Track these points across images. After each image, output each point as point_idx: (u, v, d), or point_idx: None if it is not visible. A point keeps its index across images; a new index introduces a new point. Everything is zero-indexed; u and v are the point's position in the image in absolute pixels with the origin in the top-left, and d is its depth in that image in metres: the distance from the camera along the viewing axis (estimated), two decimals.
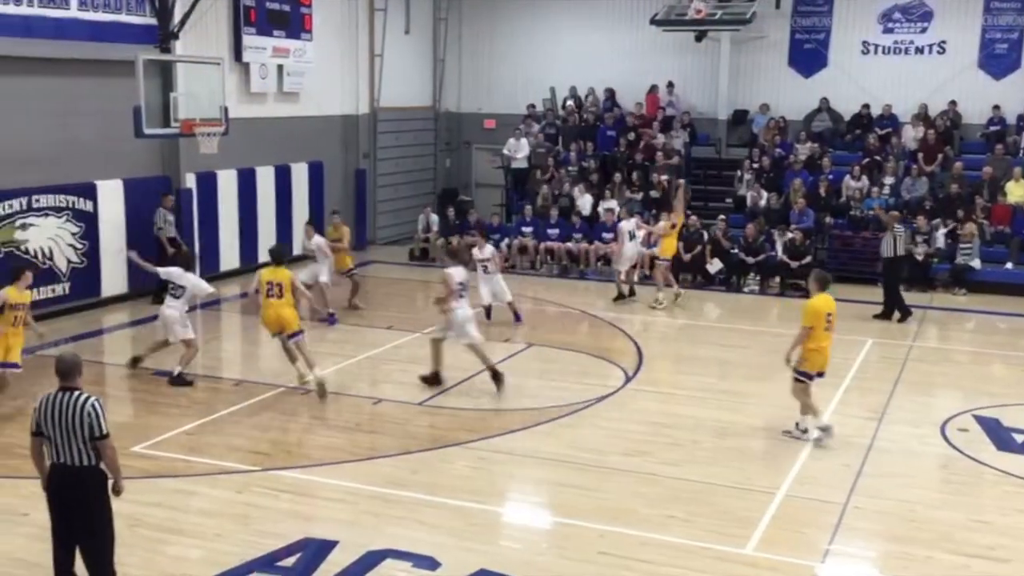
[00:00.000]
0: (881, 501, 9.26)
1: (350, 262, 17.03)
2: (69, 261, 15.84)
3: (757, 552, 8.17)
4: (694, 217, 19.88)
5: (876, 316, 16.44)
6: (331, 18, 21.62)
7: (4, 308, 11.05)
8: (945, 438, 10.98)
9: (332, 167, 22.12)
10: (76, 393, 6.62)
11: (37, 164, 15.29)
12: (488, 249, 15.99)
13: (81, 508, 6.66)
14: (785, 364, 10.78)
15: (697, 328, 16.63)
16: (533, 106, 24.25)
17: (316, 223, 17.54)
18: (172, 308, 12.54)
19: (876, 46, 22.49)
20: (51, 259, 15.58)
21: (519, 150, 23.02)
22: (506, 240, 21.07)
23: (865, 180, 20.58)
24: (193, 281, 12.76)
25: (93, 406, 6.58)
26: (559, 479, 9.74)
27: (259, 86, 19.71)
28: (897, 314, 16.37)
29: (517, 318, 15.99)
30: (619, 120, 23.35)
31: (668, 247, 17.77)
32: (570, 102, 24.18)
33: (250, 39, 19.22)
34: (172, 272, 12.82)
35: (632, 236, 17.79)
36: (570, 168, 22.52)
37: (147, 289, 16.50)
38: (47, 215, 15.48)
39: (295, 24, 20.29)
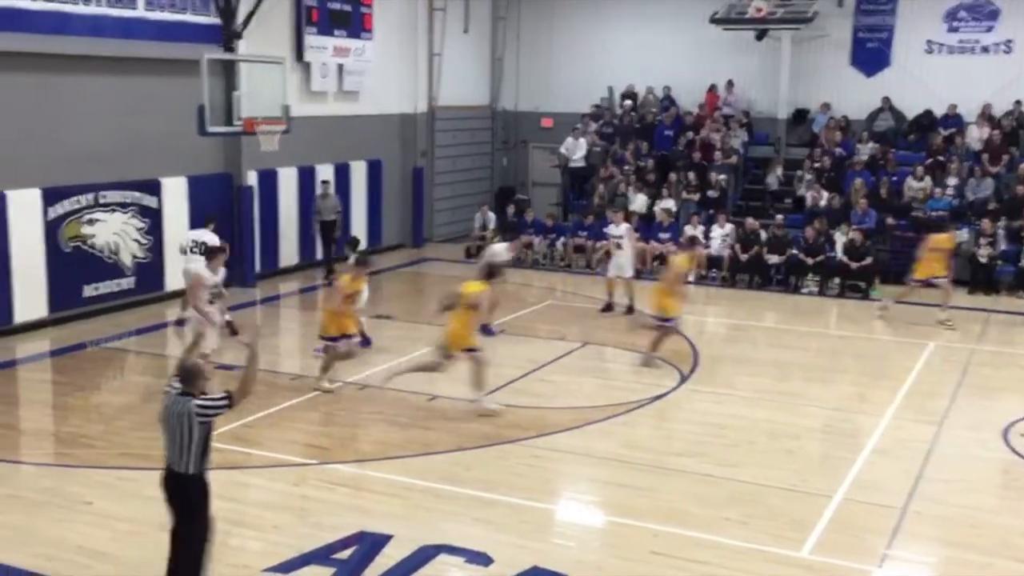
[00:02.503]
0: (941, 506, 9.13)
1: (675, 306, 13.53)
2: (134, 256, 16.16)
3: (813, 555, 8.08)
4: (751, 219, 19.72)
5: None
6: (391, 17, 21.80)
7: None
8: (1007, 443, 10.77)
9: (390, 165, 22.30)
10: (187, 399, 6.66)
11: (104, 161, 15.63)
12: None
13: (177, 512, 6.78)
14: None
15: (754, 329, 16.49)
16: (598, 106, 24.21)
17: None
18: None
19: (941, 45, 22.10)
20: (117, 254, 15.92)
21: (577, 149, 23.02)
22: (562, 239, 21.12)
23: (928, 181, 20.25)
24: None
25: (198, 405, 6.60)
26: (613, 478, 9.73)
27: (320, 85, 19.94)
28: None
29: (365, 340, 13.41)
30: (676, 119, 23.23)
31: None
32: (627, 101, 24.11)
33: (311, 39, 19.46)
34: None
35: (619, 246, 16.48)
36: (626, 167, 22.46)
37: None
38: (113, 211, 15.81)
39: (356, 24, 20.49)
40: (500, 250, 15.86)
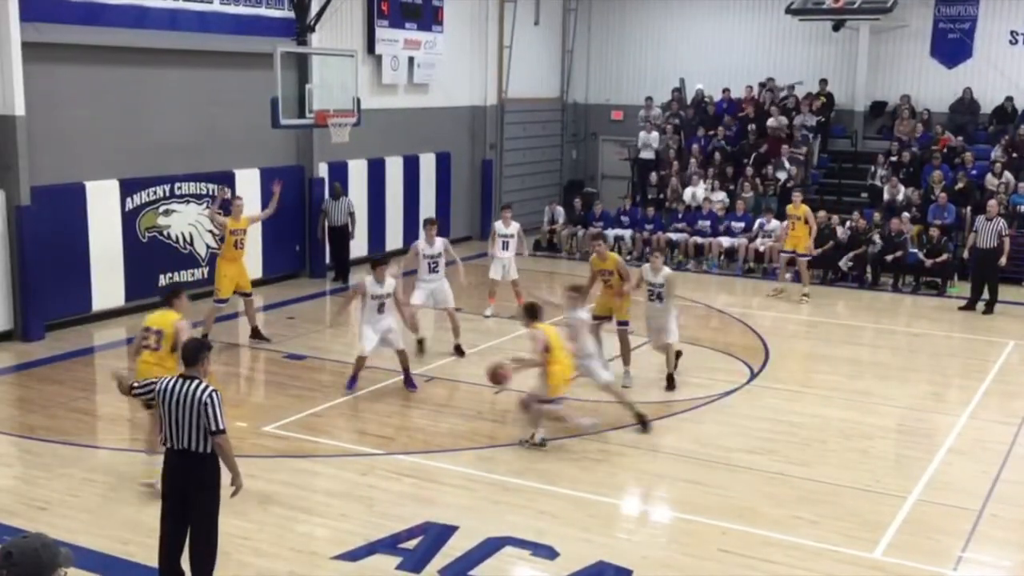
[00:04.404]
0: (1019, 509, 8.88)
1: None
2: (208, 246, 16.41)
3: (886, 557, 7.92)
4: (823, 213, 19.35)
5: None
6: (462, 10, 21.83)
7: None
8: None
9: (459, 158, 22.35)
10: (196, 382, 6.62)
11: (180, 152, 15.90)
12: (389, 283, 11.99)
13: (189, 495, 6.69)
14: None
15: (826, 325, 16.18)
16: (670, 98, 23.96)
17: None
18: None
19: None
20: (191, 244, 16.19)
21: (648, 142, 22.88)
22: (629, 232, 21.00)
23: (1008, 175, 19.68)
24: None
25: (211, 397, 6.52)
26: (681, 474, 9.63)
27: (390, 78, 20.05)
28: None
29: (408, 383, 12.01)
30: (738, 114, 22.89)
31: None
32: (699, 86, 23.81)
33: (383, 32, 19.58)
34: None
35: (505, 245, 15.61)
36: (692, 160, 22.22)
37: (282, 275, 17.09)
38: (188, 202, 16.07)
39: (427, 16, 20.57)
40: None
